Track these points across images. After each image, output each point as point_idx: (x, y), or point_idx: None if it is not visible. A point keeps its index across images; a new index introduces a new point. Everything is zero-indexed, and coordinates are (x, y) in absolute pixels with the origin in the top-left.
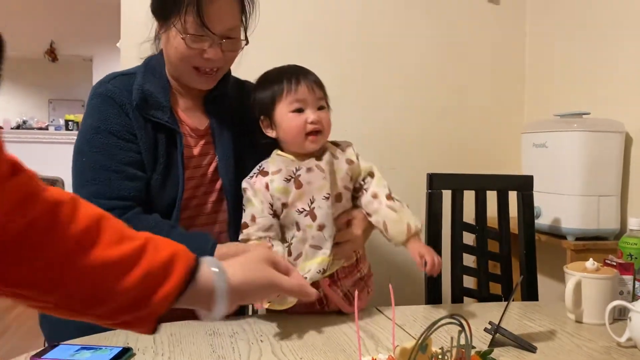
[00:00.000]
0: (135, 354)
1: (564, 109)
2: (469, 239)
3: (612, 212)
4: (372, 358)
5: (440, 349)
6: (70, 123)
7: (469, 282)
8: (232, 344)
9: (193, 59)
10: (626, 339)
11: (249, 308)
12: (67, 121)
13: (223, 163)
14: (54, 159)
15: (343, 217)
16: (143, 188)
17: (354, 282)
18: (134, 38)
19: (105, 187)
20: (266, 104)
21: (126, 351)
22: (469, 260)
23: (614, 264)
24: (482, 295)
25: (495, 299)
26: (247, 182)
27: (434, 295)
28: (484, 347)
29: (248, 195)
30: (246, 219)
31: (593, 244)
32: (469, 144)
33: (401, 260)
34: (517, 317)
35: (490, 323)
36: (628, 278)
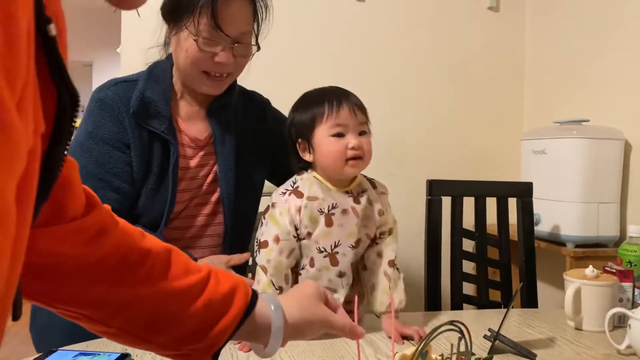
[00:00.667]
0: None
1: (564, 116)
2: (468, 245)
3: (612, 219)
4: None
5: (440, 356)
6: None
7: (468, 288)
8: (231, 350)
9: (204, 62)
10: (626, 346)
11: None
12: None
13: (223, 174)
14: None
15: None
16: (126, 202)
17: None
18: (134, 43)
19: None
20: (305, 127)
21: (124, 357)
22: (468, 267)
23: (614, 271)
24: (482, 302)
25: (494, 305)
26: (279, 198)
27: (433, 302)
28: (484, 354)
29: (275, 212)
30: (268, 237)
31: (592, 251)
32: (468, 150)
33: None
34: (517, 324)
35: (490, 330)
36: (628, 285)
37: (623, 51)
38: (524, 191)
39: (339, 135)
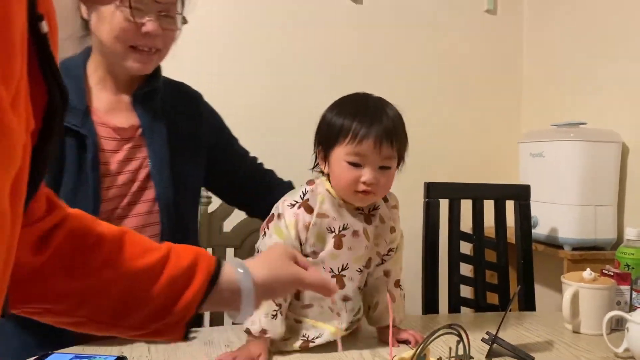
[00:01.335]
0: None
1: (561, 118)
2: (466, 248)
3: (609, 222)
4: None
5: (438, 359)
6: None
7: (466, 291)
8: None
9: (130, 34)
10: (624, 349)
11: None
12: None
13: (157, 169)
14: None
15: None
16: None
17: None
18: None
19: None
20: (327, 137)
21: None
22: (466, 270)
23: (611, 274)
24: (480, 305)
25: (492, 308)
26: (287, 210)
27: (431, 305)
28: (482, 358)
29: (280, 224)
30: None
31: (590, 253)
32: (466, 153)
33: None
34: (515, 327)
35: (488, 333)
36: (625, 288)
37: (620, 54)
38: (521, 194)
39: (356, 164)
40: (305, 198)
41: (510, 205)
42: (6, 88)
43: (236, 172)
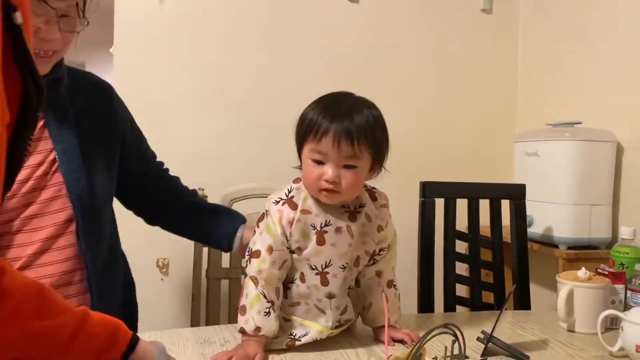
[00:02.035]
0: None
1: (556, 118)
2: (461, 247)
3: (604, 221)
4: None
5: (434, 358)
6: None
7: (461, 290)
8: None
9: None
10: (618, 348)
11: None
12: None
13: (65, 160)
14: None
15: None
16: None
17: None
18: (127, 43)
19: None
20: (298, 135)
21: None
22: (461, 269)
23: (606, 273)
24: (475, 304)
25: (487, 307)
26: (272, 207)
27: (426, 304)
28: (477, 357)
29: (268, 222)
30: (261, 247)
31: (585, 252)
32: (461, 152)
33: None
34: (510, 326)
35: (483, 332)
36: (620, 287)
37: (616, 53)
38: (516, 193)
39: (319, 162)
40: (290, 195)
41: (505, 205)
42: None
43: (145, 174)
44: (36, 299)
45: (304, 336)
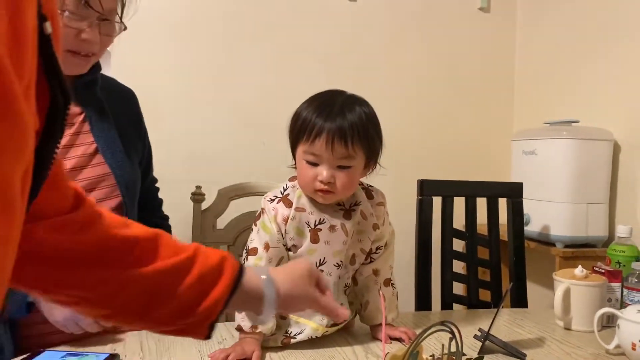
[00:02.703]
0: None
1: (554, 116)
2: (458, 245)
3: (601, 220)
4: None
5: (431, 356)
6: None
7: (458, 288)
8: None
9: (69, 39)
10: (614, 346)
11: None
12: None
13: (109, 152)
14: None
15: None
16: None
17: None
18: (126, 43)
19: None
20: (291, 135)
21: (113, 357)
22: (458, 267)
23: (603, 271)
24: (472, 302)
25: (484, 305)
26: (267, 204)
27: (423, 302)
28: (474, 355)
29: (264, 219)
30: (258, 244)
31: (582, 251)
32: (459, 150)
33: None
34: (507, 324)
35: (480, 330)
36: (616, 285)
37: (613, 52)
38: (514, 191)
39: (313, 163)
40: (285, 193)
41: (502, 203)
42: (19, 79)
43: (142, 183)
44: (154, 245)
45: (299, 334)
